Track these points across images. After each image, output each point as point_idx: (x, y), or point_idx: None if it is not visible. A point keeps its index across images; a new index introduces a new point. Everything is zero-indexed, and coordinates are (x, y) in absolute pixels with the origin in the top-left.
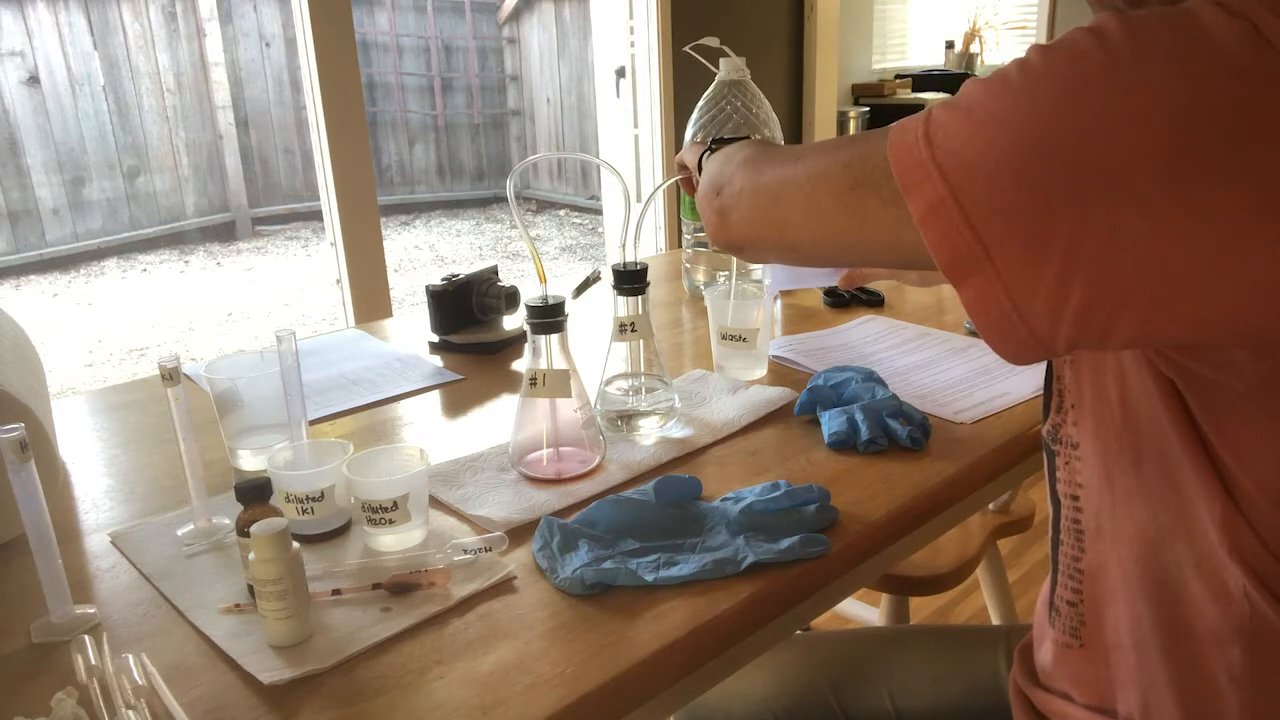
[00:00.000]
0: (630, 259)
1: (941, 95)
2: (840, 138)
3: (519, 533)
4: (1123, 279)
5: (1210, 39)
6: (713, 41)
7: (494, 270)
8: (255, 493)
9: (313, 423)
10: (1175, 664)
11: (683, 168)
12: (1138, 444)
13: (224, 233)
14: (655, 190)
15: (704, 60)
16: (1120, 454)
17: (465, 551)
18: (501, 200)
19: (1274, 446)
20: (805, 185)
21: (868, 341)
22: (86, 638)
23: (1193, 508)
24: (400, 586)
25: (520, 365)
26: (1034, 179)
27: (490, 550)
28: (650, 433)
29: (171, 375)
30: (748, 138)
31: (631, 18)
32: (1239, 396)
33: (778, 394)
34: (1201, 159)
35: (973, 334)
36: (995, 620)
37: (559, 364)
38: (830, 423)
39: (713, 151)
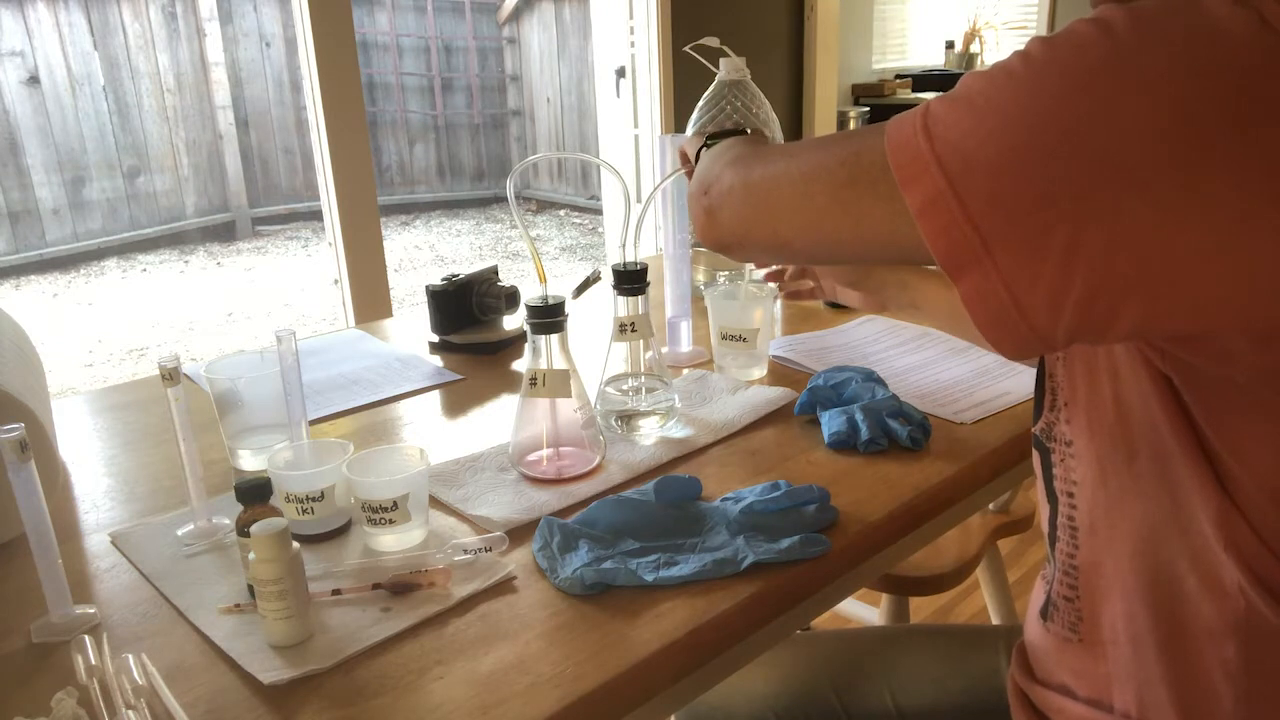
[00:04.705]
0: (630, 259)
1: None
2: (835, 134)
3: (519, 533)
4: (1125, 269)
5: (1216, 27)
6: (713, 41)
7: (494, 270)
8: (255, 493)
9: (313, 423)
10: (1170, 659)
11: (685, 159)
12: (1132, 441)
13: (224, 233)
14: (655, 190)
15: (704, 60)
16: (1114, 451)
17: (465, 551)
18: (501, 200)
19: (1272, 443)
20: (799, 182)
21: (868, 341)
22: (86, 638)
23: (1188, 504)
24: (400, 586)
25: (520, 365)
26: (1035, 170)
27: (490, 550)
28: (650, 433)
29: (171, 375)
30: (744, 131)
31: (631, 18)
32: (1237, 391)
33: (778, 394)
34: (1205, 146)
35: None
36: (995, 620)
37: (559, 364)
38: (830, 423)
39: (708, 146)
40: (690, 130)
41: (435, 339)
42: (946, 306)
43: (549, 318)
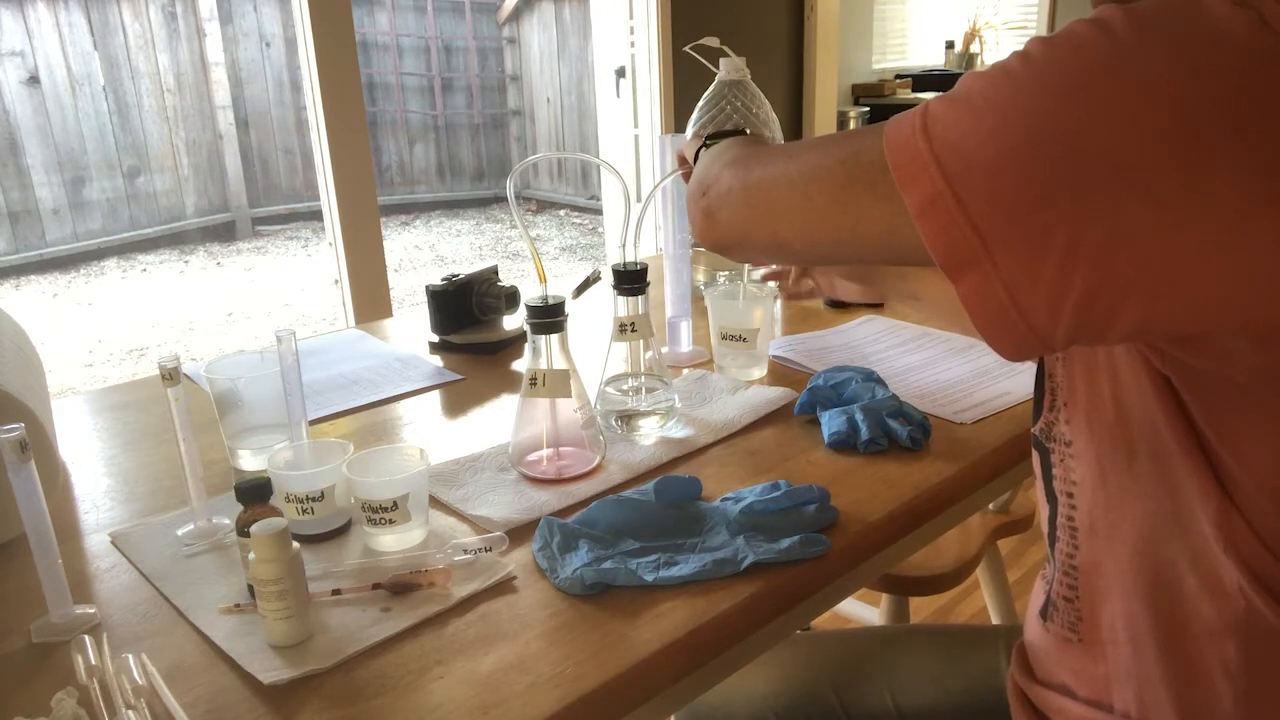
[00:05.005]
0: (630, 259)
1: None
2: (834, 134)
3: (519, 533)
4: (1125, 269)
5: (1216, 27)
6: (713, 41)
7: (494, 270)
8: (255, 493)
9: (313, 423)
10: (1170, 659)
11: (684, 161)
12: (1131, 441)
13: (224, 233)
14: (654, 189)
15: (704, 60)
16: (1114, 451)
17: (465, 551)
18: (501, 200)
19: (1272, 442)
20: (798, 183)
21: (868, 341)
22: (86, 638)
23: (1187, 504)
24: (400, 586)
25: (520, 365)
26: (1035, 170)
27: (490, 550)
28: (650, 433)
29: (171, 375)
30: (743, 132)
31: (631, 18)
32: (1237, 391)
33: (778, 394)
34: (1205, 146)
35: None
36: (995, 620)
37: (559, 364)
38: (830, 423)
39: (707, 147)
40: (690, 130)
41: (435, 339)
42: (946, 300)
43: (549, 318)
